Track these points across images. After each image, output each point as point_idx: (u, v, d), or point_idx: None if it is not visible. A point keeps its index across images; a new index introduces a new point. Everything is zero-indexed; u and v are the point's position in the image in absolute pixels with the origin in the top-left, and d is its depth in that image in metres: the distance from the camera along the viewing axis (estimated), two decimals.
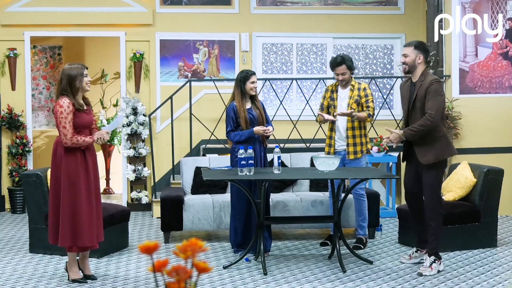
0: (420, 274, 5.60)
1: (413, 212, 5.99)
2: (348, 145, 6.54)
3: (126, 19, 8.97)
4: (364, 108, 6.51)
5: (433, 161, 5.66)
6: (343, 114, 6.41)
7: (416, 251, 6.03)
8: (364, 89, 6.55)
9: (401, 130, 5.81)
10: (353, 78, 6.63)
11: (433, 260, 5.67)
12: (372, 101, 6.55)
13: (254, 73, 6.40)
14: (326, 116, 6.50)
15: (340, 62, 6.46)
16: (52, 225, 5.38)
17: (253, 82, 6.33)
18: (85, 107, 5.40)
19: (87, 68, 5.44)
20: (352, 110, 6.41)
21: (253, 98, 6.42)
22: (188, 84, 8.63)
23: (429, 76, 5.71)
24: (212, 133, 8.61)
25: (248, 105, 6.39)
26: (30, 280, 5.55)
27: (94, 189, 5.41)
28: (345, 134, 6.55)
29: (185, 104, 8.83)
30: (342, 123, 6.55)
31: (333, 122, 6.58)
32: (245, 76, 6.35)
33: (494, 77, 8.23)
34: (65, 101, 5.26)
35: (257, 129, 6.29)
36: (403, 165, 8.20)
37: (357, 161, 6.53)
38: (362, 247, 6.53)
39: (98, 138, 5.38)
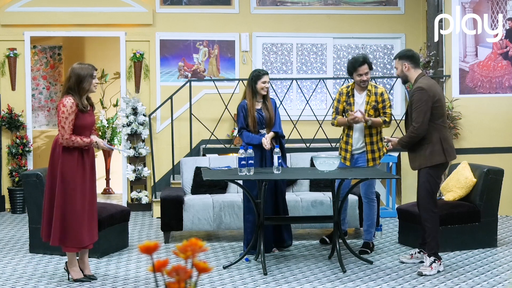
0: (420, 274, 5.61)
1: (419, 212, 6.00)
2: (366, 152, 6.40)
3: (126, 19, 8.97)
4: (381, 114, 6.34)
5: (418, 168, 5.79)
6: (356, 119, 6.20)
7: (419, 252, 6.03)
8: (382, 94, 6.34)
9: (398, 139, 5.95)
10: (369, 81, 6.43)
11: (433, 260, 5.68)
12: (390, 106, 6.36)
13: (266, 73, 6.35)
14: (341, 121, 6.36)
15: (363, 61, 6.24)
16: (46, 223, 5.37)
17: (264, 82, 6.30)
18: (88, 108, 5.39)
19: (96, 70, 5.44)
20: (368, 118, 6.23)
21: (265, 99, 6.37)
22: (188, 84, 8.63)
23: (417, 83, 5.75)
24: (212, 133, 8.61)
25: (259, 105, 6.36)
26: (30, 280, 5.55)
27: (89, 191, 5.40)
28: (363, 140, 6.38)
29: (185, 104, 8.83)
30: (360, 130, 6.37)
31: (349, 128, 6.39)
32: (257, 75, 6.32)
33: (494, 77, 8.23)
34: (68, 101, 5.24)
35: (264, 141, 6.27)
36: (404, 165, 8.23)
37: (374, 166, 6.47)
38: (369, 251, 6.42)
39: (95, 142, 5.36)
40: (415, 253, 6.06)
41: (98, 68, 10.30)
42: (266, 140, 6.28)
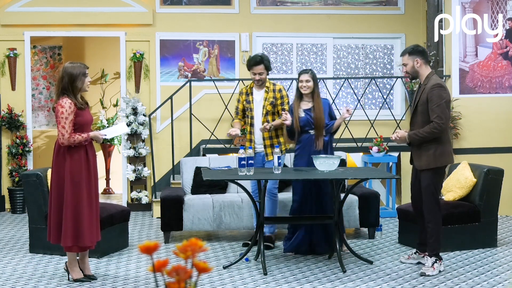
0: (423, 274, 5.60)
1: (416, 213, 5.99)
2: (265, 147, 6.53)
3: (126, 19, 8.97)
4: (280, 111, 6.48)
5: (425, 167, 5.67)
6: (264, 130, 6.41)
7: (415, 253, 6.03)
8: (280, 90, 6.51)
9: (408, 132, 5.76)
10: (268, 80, 6.59)
11: (434, 261, 5.67)
12: (288, 102, 6.52)
13: (304, 72, 6.32)
14: (234, 133, 6.44)
15: (259, 61, 6.41)
16: (54, 225, 5.37)
17: (301, 81, 6.28)
18: (84, 106, 5.41)
19: (88, 68, 5.45)
20: (270, 124, 6.37)
21: (314, 99, 6.30)
22: (188, 84, 8.63)
23: (431, 80, 5.65)
24: (212, 133, 8.61)
25: (309, 105, 6.31)
26: (30, 280, 5.55)
27: (94, 190, 5.42)
28: (262, 136, 6.53)
29: (185, 104, 8.82)
30: (258, 126, 6.55)
31: (251, 125, 6.59)
32: (298, 74, 6.37)
33: (494, 77, 8.23)
34: (66, 102, 5.26)
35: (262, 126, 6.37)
36: (404, 165, 8.21)
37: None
38: (272, 245, 6.54)
39: (94, 135, 5.38)
40: (412, 254, 6.05)
41: (98, 68, 10.40)
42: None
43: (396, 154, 8.44)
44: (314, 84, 6.30)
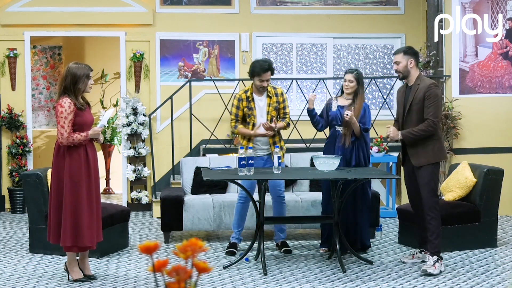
0: (425, 271, 5.59)
1: (416, 212, 5.99)
2: (272, 153, 6.33)
3: (126, 19, 8.97)
4: (281, 115, 6.41)
5: (425, 164, 5.73)
6: (267, 132, 6.25)
7: (420, 252, 6.03)
8: (282, 94, 6.41)
9: (401, 131, 5.80)
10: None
11: (436, 260, 5.67)
12: (288, 106, 6.45)
13: (350, 71, 6.34)
14: (243, 131, 6.33)
15: (268, 68, 6.19)
16: (54, 224, 5.37)
17: (345, 80, 6.32)
18: (85, 106, 5.42)
19: (92, 70, 5.45)
20: (275, 125, 6.23)
21: (355, 98, 6.30)
22: (188, 84, 8.64)
23: (426, 80, 5.77)
24: (212, 133, 8.61)
25: (345, 102, 6.35)
26: (30, 280, 5.55)
27: (94, 189, 5.42)
28: (268, 141, 6.35)
29: (185, 104, 8.83)
30: (262, 131, 6.30)
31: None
32: (344, 73, 6.42)
33: (494, 77, 8.23)
34: (66, 101, 5.27)
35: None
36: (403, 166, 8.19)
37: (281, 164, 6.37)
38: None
39: (93, 132, 5.37)
40: (416, 253, 6.06)
41: (98, 68, 10.39)
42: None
43: (396, 154, 8.44)
44: (359, 85, 6.30)
